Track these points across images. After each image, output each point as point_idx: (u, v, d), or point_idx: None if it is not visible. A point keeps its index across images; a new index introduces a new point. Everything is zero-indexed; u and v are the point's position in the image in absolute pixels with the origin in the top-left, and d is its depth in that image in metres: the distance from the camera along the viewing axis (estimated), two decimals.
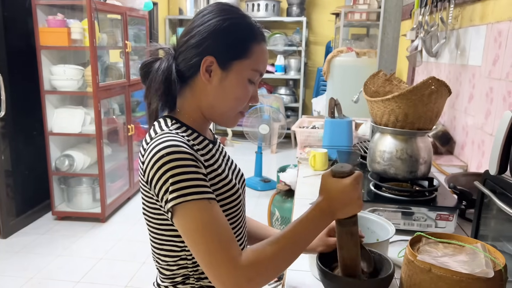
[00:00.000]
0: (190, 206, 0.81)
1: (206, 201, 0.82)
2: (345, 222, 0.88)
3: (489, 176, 1.00)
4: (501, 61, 1.72)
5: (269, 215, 3.14)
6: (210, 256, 0.80)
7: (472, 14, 2.06)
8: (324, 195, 0.87)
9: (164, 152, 0.83)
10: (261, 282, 0.82)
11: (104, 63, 3.73)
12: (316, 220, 0.86)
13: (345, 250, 0.91)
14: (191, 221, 0.81)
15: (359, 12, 4.58)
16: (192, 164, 0.84)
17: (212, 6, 0.96)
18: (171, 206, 0.82)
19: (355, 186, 0.85)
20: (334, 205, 0.85)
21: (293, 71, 6.19)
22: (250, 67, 0.94)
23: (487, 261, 0.81)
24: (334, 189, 0.86)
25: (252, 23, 0.95)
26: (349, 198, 0.85)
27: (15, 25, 3.27)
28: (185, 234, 0.83)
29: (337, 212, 0.86)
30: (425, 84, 1.25)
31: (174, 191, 0.81)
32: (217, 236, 0.80)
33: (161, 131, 0.90)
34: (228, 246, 0.80)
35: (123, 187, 3.89)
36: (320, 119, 2.82)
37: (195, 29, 0.93)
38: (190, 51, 0.93)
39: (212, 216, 0.82)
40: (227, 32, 0.92)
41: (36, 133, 3.44)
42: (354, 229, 0.89)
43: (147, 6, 4.09)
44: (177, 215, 0.82)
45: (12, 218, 3.27)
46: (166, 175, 0.82)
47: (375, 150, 1.42)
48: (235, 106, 0.97)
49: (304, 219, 0.86)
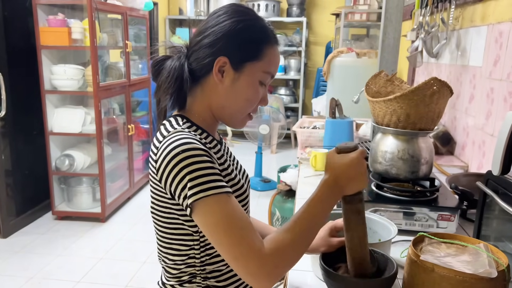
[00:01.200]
0: (209, 201, 0.81)
1: (225, 194, 0.83)
2: (352, 199, 0.88)
3: (491, 177, 1.00)
4: (502, 61, 1.72)
5: (269, 215, 3.15)
6: (235, 249, 0.80)
7: (473, 15, 2.07)
8: (331, 172, 0.86)
9: (179, 150, 0.83)
10: (286, 267, 0.84)
11: (104, 63, 3.73)
12: (325, 198, 0.86)
13: (353, 230, 0.90)
14: (212, 216, 0.81)
15: (359, 13, 4.58)
16: (207, 160, 0.84)
17: (226, 7, 0.96)
18: (191, 202, 0.82)
19: (360, 160, 0.85)
20: (341, 180, 0.85)
21: (293, 71, 6.19)
22: (262, 69, 0.94)
23: (490, 261, 0.81)
24: (340, 164, 0.85)
25: (265, 26, 0.96)
26: (355, 172, 0.84)
27: (16, 24, 3.27)
28: (207, 229, 0.83)
29: (345, 187, 0.86)
30: (427, 84, 1.26)
31: (192, 187, 0.81)
32: (239, 229, 0.81)
33: (173, 129, 0.91)
34: (251, 237, 0.81)
35: (123, 187, 3.89)
36: (320, 119, 2.82)
37: (209, 29, 0.94)
38: (204, 50, 0.93)
39: (232, 209, 0.83)
40: (241, 33, 0.93)
41: (36, 132, 3.44)
42: (361, 206, 0.88)
43: (148, 6, 4.09)
44: (197, 210, 0.82)
45: (12, 217, 3.27)
46: (182, 172, 0.82)
47: (377, 151, 1.42)
48: (245, 107, 0.97)
49: (314, 199, 0.86)
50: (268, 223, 3.13)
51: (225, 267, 0.98)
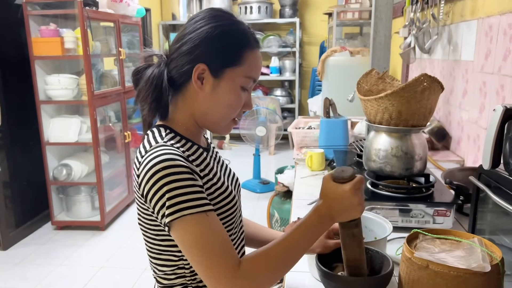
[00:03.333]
0: (187, 220, 0.81)
1: (203, 214, 0.82)
2: (347, 225, 0.88)
3: (483, 171, 1.00)
4: (493, 55, 1.73)
5: (268, 217, 3.14)
6: (209, 268, 0.80)
7: (462, 10, 2.07)
8: (324, 200, 0.86)
9: (159, 167, 0.82)
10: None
11: (98, 71, 3.73)
12: (315, 226, 0.86)
13: (348, 251, 0.91)
14: (189, 235, 0.81)
15: (351, 11, 4.59)
16: (188, 177, 0.83)
17: (204, 12, 0.95)
18: (168, 221, 0.81)
19: (355, 192, 0.84)
20: (333, 210, 0.85)
21: (288, 72, 6.20)
22: (243, 74, 0.93)
23: (484, 255, 0.82)
24: (333, 194, 0.85)
25: (245, 30, 0.94)
26: (348, 204, 0.84)
27: (8, 36, 3.27)
28: (184, 248, 0.83)
29: (336, 217, 0.86)
30: (417, 81, 1.26)
31: (171, 206, 0.81)
32: (215, 249, 0.81)
33: (156, 143, 0.89)
34: (225, 258, 0.81)
35: (121, 194, 3.89)
36: (316, 119, 2.83)
37: (187, 35, 0.92)
38: (182, 58, 0.92)
39: (210, 228, 0.82)
40: (219, 39, 0.91)
41: (33, 143, 3.44)
42: (356, 231, 0.89)
43: (140, 12, 4.09)
44: (175, 229, 0.82)
45: (12, 229, 3.26)
46: (162, 190, 0.82)
47: (371, 149, 1.42)
48: (228, 114, 0.96)
49: (303, 224, 0.86)
50: (267, 225, 3.13)
51: None
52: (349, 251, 0.91)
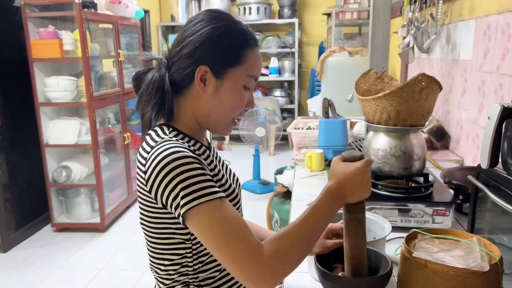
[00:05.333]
0: (203, 209, 0.81)
1: (218, 200, 0.82)
2: (353, 208, 0.88)
3: (481, 170, 1.00)
4: (491, 54, 1.73)
5: (268, 218, 3.14)
6: (232, 254, 0.79)
7: (461, 9, 2.07)
8: (335, 179, 0.86)
9: (169, 159, 0.82)
10: (286, 271, 0.82)
11: (97, 72, 3.73)
12: (327, 205, 0.86)
13: (352, 239, 0.90)
14: (207, 223, 0.81)
15: (350, 12, 4.59)
16: (198, 167, 0.84)
17: (202, 14, 0.95)
18: (184, 211, 0.81)
19: (365, 169, 0.86)
20: (344, 188, 0.85)
21: (287, 72, 6.20)
22: (245, 74, 0.94)
23: (483, 254, 0.81)
24: (345, 172, 0.86)
25: (244, 29, 0.95)
26: (359, 181, 0.85)
27: (7, 38, 3.27)
28: (203, 237, 0.82)
29: (347, 195, 0.86)
30: (415, 80, 1.26)
31: (185, 196, 0.81)
32: (235, 233, 0.80)
33: (160, 139, 0.89)
34: (248, 241, 0.80)
35: (121, 196, 3.89)
36: (315, 119, 2.82)
37: (187, 38, 0.93)
38: (184, 61, 0.92)
39: (227, 214, 0.82)
40: (220, 40, 0.91)
41: (32, 145, 3.43)
42: (361, 216, 0.89)
43: (138, 14, 4.09)
44: (191, 219, 0.81)
45: (12, 231, 3.26)
46: (174, 181, 0.81)
47: (369, 149, 1.42)
48: (230, 113, 0.97)
49: (316, 205, 0.86)
50: (267, 225, 3.13)
51: (218, 274, 0.97)
52: (354, 239, 0.90)
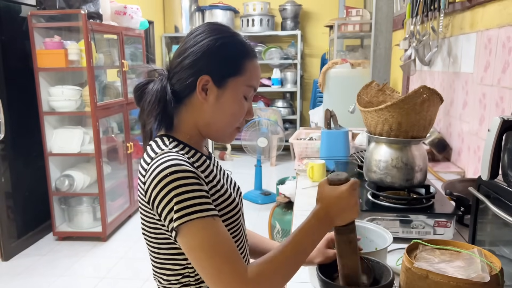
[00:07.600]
0: (194, 225, 0.82)
1: (210, 218, 0.83)
2: (343, 230, 0.89)
3: (482, 182, 1.01)
4: (492, 67, 1.74)
5: (269, 228, 3.14)
6: (217, 274, 0.80)
7: (462, 22, 2.10)
8: (321, 203, 0.88)
9: (167, 172, 0.84)
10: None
11: (101, 82, 3.76)
12: (314, 229, 0.87)
13: (345, 258, 0.91)
14: (196, 240, 0.82)
15: (352, 24, 4.63)
16: (195, 182, 0.85)
17: (203, 27, 0.98)
18: (176, 225, 0.82)
19: (351, 192, 0.86)
20: (331, 212, 0.86)
21: (289, 83, 6.23)
22: (245, 83, 0.96)
23: (483, 266, 0.82)
24: (330, 196, 0.87)
25: (243, 41, 0.98)
26: (346, 204, 0.86)
27: (13, 48, 3.31)
28: (190, 253, 0.83)
29: (335, 218, 0.87)
30: (417, 92, 1.27)
31: (178, 210, 0.82)
32: (222, 253, 0.81)
33: (161, 150, 0.91)
34: (233, 263, 0.81)
35: (123, 205, 3.89)
36: (317, 130, 2.84)
37: (189, 49, 0.95)
38: (185, 71, 0.94)
39: (217, 233, 0.83)
40: (220, 50, 0.94)
41: (36, 154, 3.45)
42: (352, 237, 0.90)
43: (143, 25, 4.14)
44: (182, 234, 0.83)
45: (13, 240, 3.27)
46: (170, 195, 0.83)
47: (371, 160, 1.43)
48: (232, 122, 0.98)
49: (302, 229, 0.87)
50: (269, 236, 3.13)
51: None
52: (346, 259, 0.91)
